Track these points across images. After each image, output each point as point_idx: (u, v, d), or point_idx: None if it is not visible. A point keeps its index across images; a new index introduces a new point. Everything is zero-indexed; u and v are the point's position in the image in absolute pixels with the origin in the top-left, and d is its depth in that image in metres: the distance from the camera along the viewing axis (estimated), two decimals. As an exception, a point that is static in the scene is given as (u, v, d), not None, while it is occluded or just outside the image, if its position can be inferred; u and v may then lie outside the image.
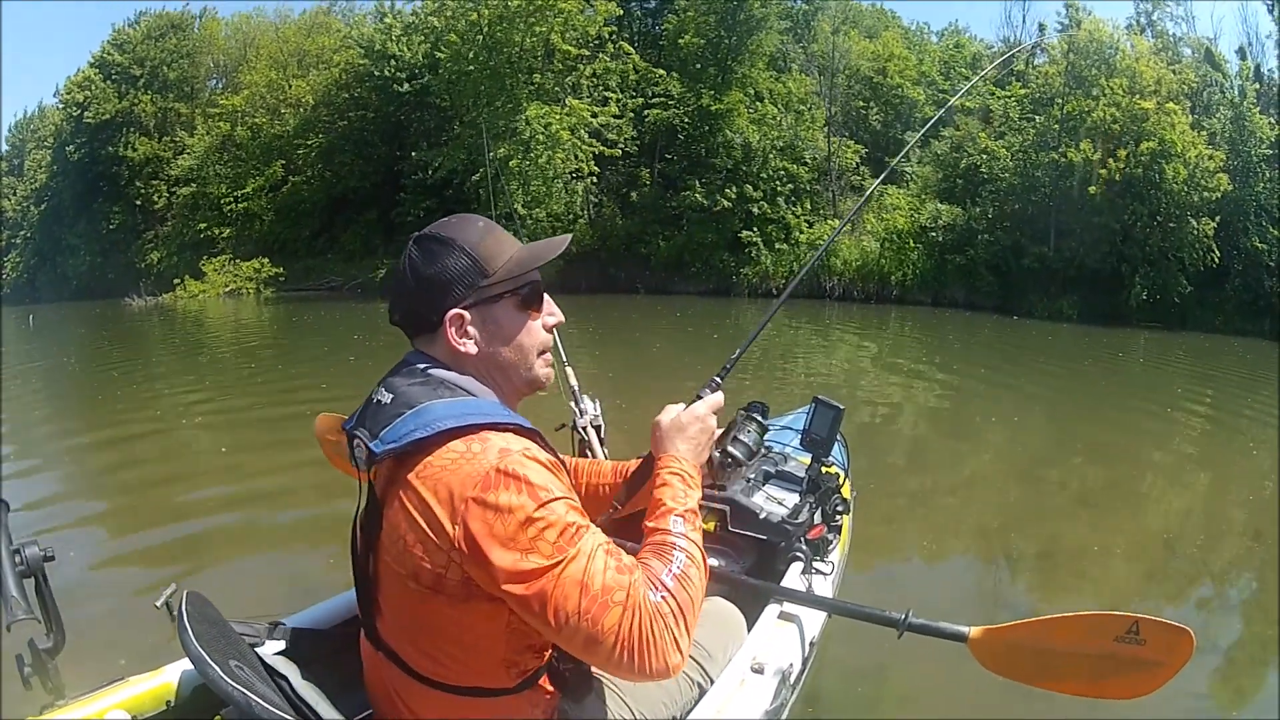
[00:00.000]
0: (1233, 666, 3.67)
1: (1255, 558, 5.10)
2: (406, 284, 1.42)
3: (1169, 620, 1.72)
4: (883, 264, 24.41)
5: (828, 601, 2.30)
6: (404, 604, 1.34)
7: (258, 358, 14.18)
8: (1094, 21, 24.93)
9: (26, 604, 1.29)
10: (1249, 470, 7.32)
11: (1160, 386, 12.22)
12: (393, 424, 1.30)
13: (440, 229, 1.44)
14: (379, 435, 1.30)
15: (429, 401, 1.32)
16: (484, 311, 1.42)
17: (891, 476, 6.39)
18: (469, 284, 1.40)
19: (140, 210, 36.07)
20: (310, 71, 33.66)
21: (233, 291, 29.31)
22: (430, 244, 1.42)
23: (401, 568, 1.30)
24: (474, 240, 1.42)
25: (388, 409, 1.33)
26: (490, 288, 1.41)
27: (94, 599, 3.73)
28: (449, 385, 1.37)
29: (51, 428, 8.39)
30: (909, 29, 35.54)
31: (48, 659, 1.32)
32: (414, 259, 1.42)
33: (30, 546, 1.35)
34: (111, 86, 36.08)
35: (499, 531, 1.21)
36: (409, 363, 1.43)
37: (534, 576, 1.21)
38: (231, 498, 5.67)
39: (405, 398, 1.34)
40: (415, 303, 1.42)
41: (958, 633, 1.97)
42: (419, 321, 1.43)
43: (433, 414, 1.29)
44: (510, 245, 1.47)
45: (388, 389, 1.37)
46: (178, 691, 1.49)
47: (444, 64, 25.74)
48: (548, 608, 1.21)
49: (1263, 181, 21.61)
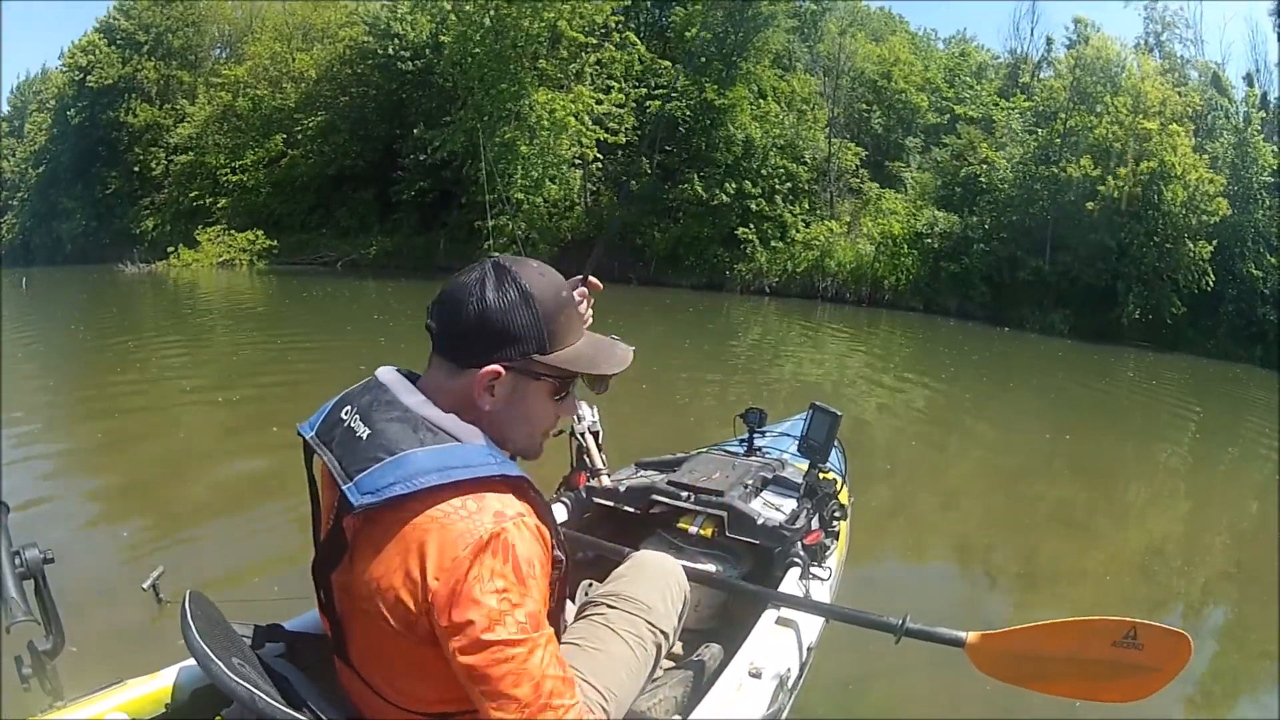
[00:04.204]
0: (1203, 693, 3.72)
1: (1233, 586, 5.16)
2: (468, 309, 1.32)
3: (1167, 625, 1.76)
4: (876, 267, 24.34)
5: (825, 607, 2.31)
6: (373, 639, 1.31)
7: (271, 330, 14.13)
8: (1102, 38, 24.94)
9: (26, 606, 1.30)
10: (1232, 497, 7.39)
11: (1149, 407, 12.31)
12: (370, 471, 1.23)
13: (527, 277, 1.35)
14: (353, 479, 1.23)
15: (410, 450, 1.24)
16: (519, 381, 1.36)
17: (871, 484, 6.42)
18: (522, 351, 1.33)
19: (138, 176, 35.79)
20: (314, 45, 33.40)
21: (226, 262, 29.10)
22: (510, 286, 1.33)
23: (370, 606, 1.26)
24: (551, 310, 1.35)
25: (363, 447, 1.26)
26: (538, 365, 1.36)
27: (90, 594, 3.70)
28: (430, 428, 1.28)
29: (54, 407, 8.27)
30: (916, 34, 35.47)
31: (46, 661, 1.32)
32: (487, 289, 1.33)
33: (30, 549, 1.35)
34: (116, 51, 35.71)
35: (477, 597, 1.18)
36: (388, 389, 1.35)
37: (493, 648, 1.18)
38: (232, 486, 5.62)
39: (383, 440, 1.25)
40: (464, 332, 1.33)
41: (955, 638, 2.01)
42: (457, 350, 1.34)
43: (414, 465, 1.22)
44: (577, 332, 1.42)
45: (364, 420, 1.30)
46: (177, 694, 1.50)
47: (449, 45, 25.61)
48: (494, 683, 1.19)
49: (1262, 209, 21.60)
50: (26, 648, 1.31)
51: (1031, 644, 1.91)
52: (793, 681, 2.03)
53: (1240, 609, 4.84)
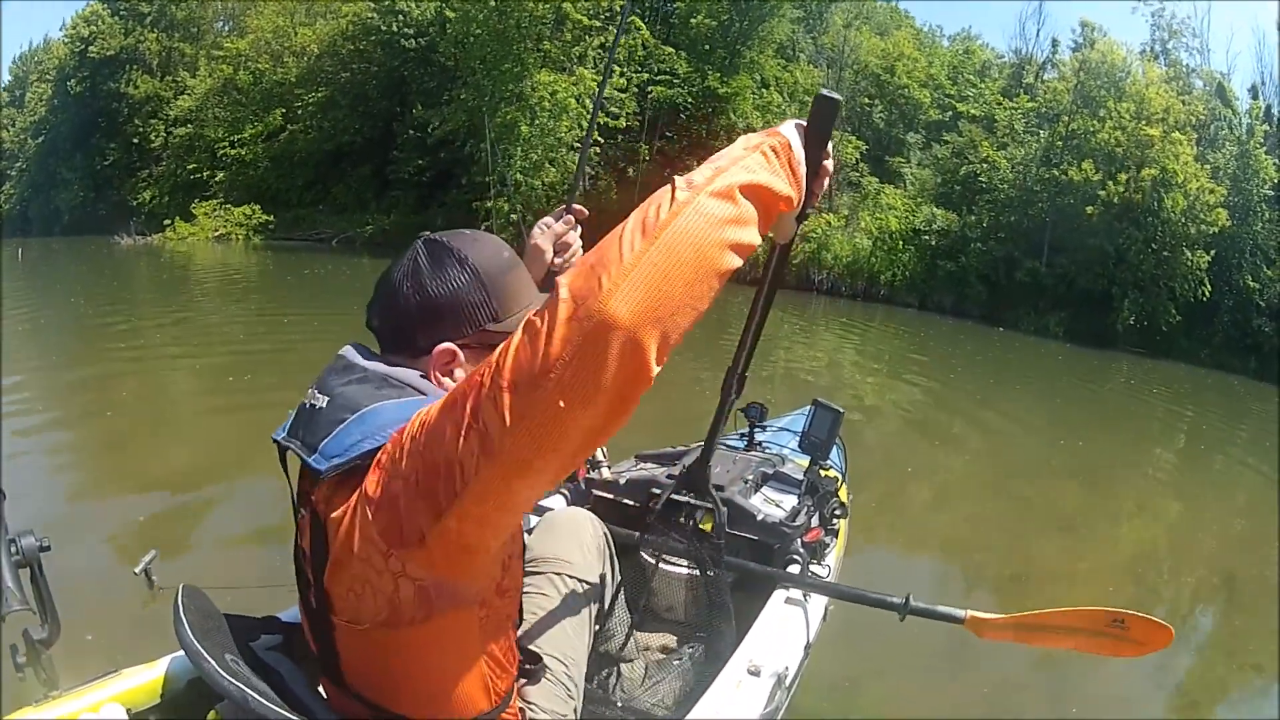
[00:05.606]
0: (1184, 699, 3.74)
1: (1219, 596, 5.19)
2: (404, 295, 1.21)
3: (1151, 616, 1.88)
4: (873, 262, 24.44)
5: (831, 586, 2.37)
6: (367, 654, 1.16)
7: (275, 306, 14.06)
8: (1108, 43, 24.97)
9: (22, 595, 1.28)
10: (1223, 506, 7.42)
11: (1143, 413, 12.35)
12: (334, 433, 1.10)
13: (462, 245, 1.23)
14: (318, 448, 1.10)
15: (374, 404, 1.11)
16: (480, 356, 1.18)
17: (867, 482, 6.42)
18: (475, 322, 1.21)
19: (136, 148, 35.82)
20: (317, 20, 33.32)
21: (222, 236, 29.07)
22: (445, 258, 1.22)
23: (351, 608, 1.11)
24: (495, 273, 1.23)
25: (324, 414, 1.13)
26: (496, 335, 1.20)
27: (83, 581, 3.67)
28: (394, 382, 1.16)
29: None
30: (921, 30, 35.43)
31: (42, 650, 1.31)
32: (421, 269, 1.21)
33: (26, 536, 1.33)
34: (119, 22, 35.71)
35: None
36: (345, 358, 1.21)
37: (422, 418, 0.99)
38: (228, 471, 5.55)
39: (345, 400, 1.13)
40: (407, 319, 1.21)
41: (955, 616, 2.11)
42: (403, 340, 1.22)
43: (382, 418, 1.09)
44: (529, 291, 1.29)
45: (322, 390, 1.16)
46: (173, 683, 1.48)
47: (453, 23, 25.50)
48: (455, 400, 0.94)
49: (1262, 221, 21.73)
50: (22, 637, 1.29)
51: (1026, 630, 2.03)
52: (790, 680, 2.02)
53: (1228, 615, 4.87)
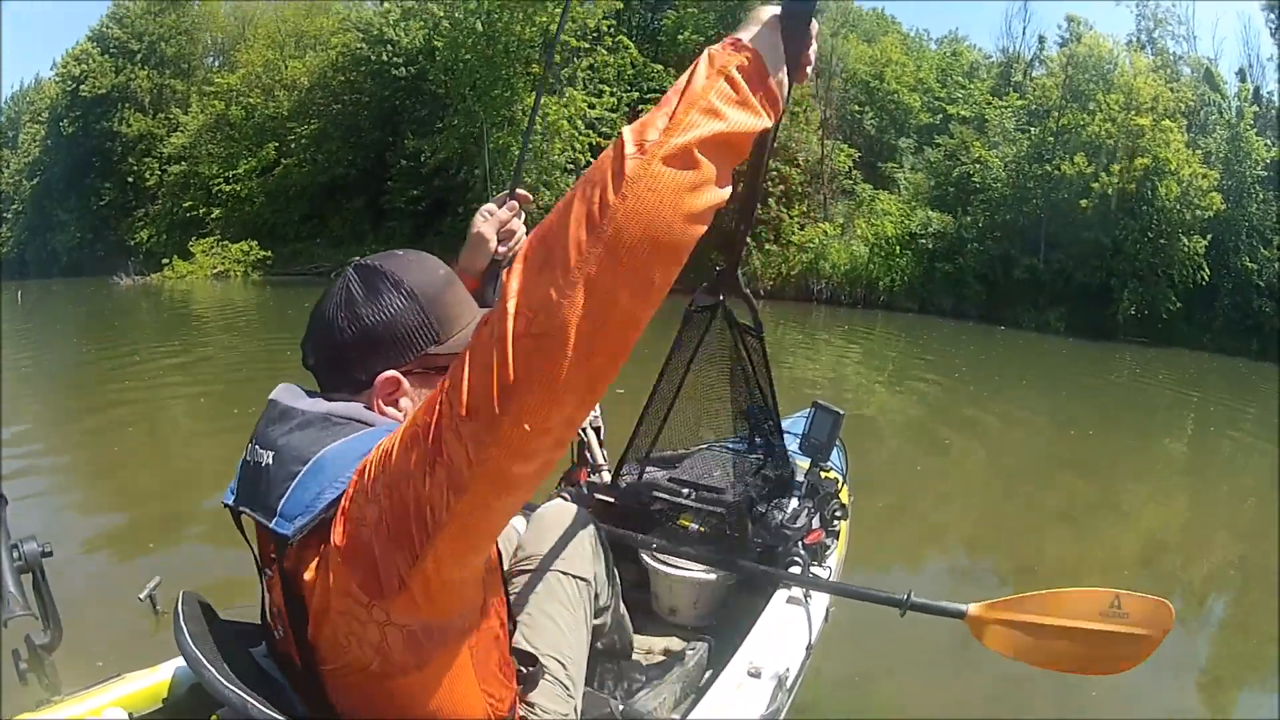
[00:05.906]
0: (1200, 688, 3.71)
1: (1233, 583, 5.16)
2: (338, 328, 1.14)
3: (1147, 595, 1.86)
4: (871, 269, 24.45)
5: (832, 584, 2.37)
6: (362, 700, 1.08)
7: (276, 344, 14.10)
8: (1094, 37, 25.09)
9: (24, 600, 1.28)
10: (1233, 491, 7.38)
11: (1148, 403, 12.32)
12: (289, 491, 1.03)
13: (395, 268, 1.17)
14: (277, 510, 1.03)
15: (323, 449, 1.04)
16: (425, 381, 1.15)
17: (869, 483, 6.40)
18: (416, 347, 1.15)
19: (132, 187, 35.82)
20: (307, 53, 33.47)
21: (220, 273, 29.11)
22: (378, 284, 1.15)
23: (338, 658, 1.05)
24: (432, 294, 1.17)
25: (273, 471, 1.06)
26: (438, 358, 1.16)
27: (85, 591, 3.69)
28: (336, 420, 1.09)
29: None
30: (908, 35, 35.55)
31: (44, 655, 1.31)
32: (355, 297, 1.15)
33: (29, 542, 1.34)
34: (109, 60, 35.81)
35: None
36: (279, 403, 1.14)
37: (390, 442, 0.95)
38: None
39: (291, 452, 1.05)
40: (343, 352, 1.14)
41: (956, 610, 2.08)
42: (341, 374, 1.16)
43: (336, 463, 1.02)
44: (469, 307, 1.23)
45: (263, 444, 1.09)
46: (175, 689, 1.48)
47: (441, 51, 25.67)
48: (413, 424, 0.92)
49: (1256, 202, 21.76)
50: (24, 642, 1.29)
51: (1026, 613, 1.99)
52: (791, 681, 2.02)
53: (1241, 600, 4.84)
